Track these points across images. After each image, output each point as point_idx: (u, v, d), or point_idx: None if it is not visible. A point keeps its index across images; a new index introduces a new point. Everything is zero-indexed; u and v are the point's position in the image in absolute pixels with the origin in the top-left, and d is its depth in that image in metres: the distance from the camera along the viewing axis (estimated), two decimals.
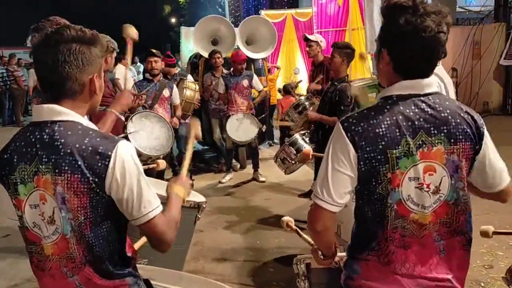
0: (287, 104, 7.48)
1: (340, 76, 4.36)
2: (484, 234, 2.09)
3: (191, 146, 2.08)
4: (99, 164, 1.40)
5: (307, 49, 6.03)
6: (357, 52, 11.30)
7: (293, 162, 4.83)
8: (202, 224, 4.81)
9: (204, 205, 3.01)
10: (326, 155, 1.51)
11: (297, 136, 4.91)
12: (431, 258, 1.51)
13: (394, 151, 1.45)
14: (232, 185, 6.75)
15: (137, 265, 1.66)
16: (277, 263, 4.10)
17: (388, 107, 1.48)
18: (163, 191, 1.76)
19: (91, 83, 1.49)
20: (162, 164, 2.92)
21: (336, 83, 4.34)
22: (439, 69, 2.99)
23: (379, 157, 1.45)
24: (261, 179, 6.80)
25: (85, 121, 1.50)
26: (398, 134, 1.45)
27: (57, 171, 1.41)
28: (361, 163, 1.46)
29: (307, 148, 4.48)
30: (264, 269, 4.02)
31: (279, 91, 8.58)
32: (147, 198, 1.46)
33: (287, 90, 7.75)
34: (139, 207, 1.44)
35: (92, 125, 1.53)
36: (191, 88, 6.30)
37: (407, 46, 1.45)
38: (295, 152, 4.79)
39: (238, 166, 7.60)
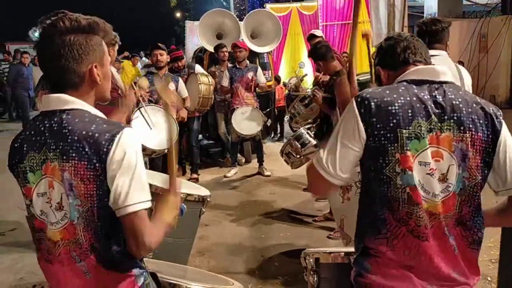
0: (281, 91, 9.12)
1: (336, 70, 4.34)
2: None
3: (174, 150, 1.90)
4: (104, 149, 1.39)
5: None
6: (363, 45, 11.25)
7: (299, 156, 4.81)
8: (207, 218, 4.81)
9: (208, 199, 3.00)
10: (337, 128, 1.54)
11: (302, 130, 4.90)
12: (443, 253, 1.48)
13: (404, 130, 1.45)
14: (237, 179, 6.75)
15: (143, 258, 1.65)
16: (282, 256, 4.09)
17: (403, 88, 1.51)
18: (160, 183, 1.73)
19: (91, 72, 1.47)
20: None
21: (334, 77, 4.33)
22: (446, 59, 2.95)
23: (388, 135, 1.46)
24: (266, 173, 6.79)
25: (92, 109, 1.50)
26: (410, 114, 1.46)
27: (64, 157, 1.42)
28: (370, 139, 1.48)
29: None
30: (269, 262, 4.01)
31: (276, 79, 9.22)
32: (137, 190, 1.41)
33: (278, 79, 9.12)
34: (126, 197, 1.39)
35: (99, 113, 1.52)
36: (205, 83, 6.18)
37: (387, 47, 1.66)
38: (300, 146, 4.78)
39: (243, 160, 7.60)
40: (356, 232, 1.61)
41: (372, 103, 1.48)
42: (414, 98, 1.47)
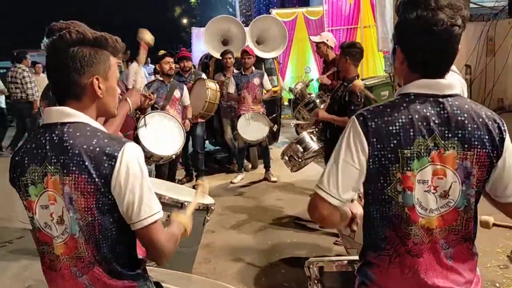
0: None
1: (350, 76, 4.31)
2: (484, 224, 2.04)
3: (196, 201, 2.12)
4: (106, 165, 1.41)
5: (316, 49, 6.02)
6: (369, 49, 11.16)
7: (300, 160, 4.80)
8: (214, 225, 4.81)
9: (213, 207, 3.00)
10: (339, 147, 1.48)
11: (305, 134, 4.89)
12: (440, 265, 1.46)
13: (405, 151, 1.41)
14: (244, 185, 6.74)
15: (147, 267, 1.65)
16: (288, 264, 4.07)
17: (404, 104, 1.44)
18: (168, 192, 1.75)
19: (92, 85, 1.48)
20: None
21: (346, 83, 4.30)
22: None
23: (389, 155, 1.42)
24: (273, 179, 6.78)
25: (94, 122, 1.51)
26: (411, 134, 1.41)
27: (65, 171, 1.42)
28: (371, 160, 1.43)
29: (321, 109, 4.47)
30: (275, 270, 4.00)
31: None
32: (147, 202, 1.45)
33: None
34: (139, 212, 1.43)
35: (101, 127, 1.54)
36: (213, 88, 6.21)
37: (419, 41, 1.41)
38: (302, 150, 4.77)
39: (250, 166, 7.60)
40: (362, 246, 1.59)
41: (373, 123, 1.43)
42: (416, 116, 1.42)
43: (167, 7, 33.73)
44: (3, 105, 10.43)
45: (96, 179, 1.41)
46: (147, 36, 2.71)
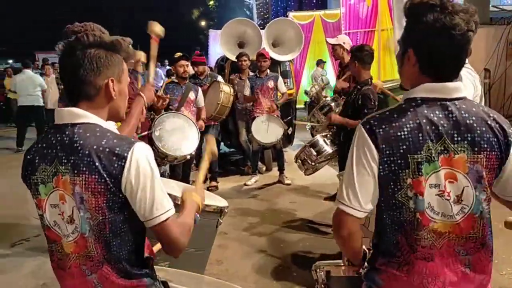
0: None
1: (362, 79, 4.28)
2: (510, 225, 1.98)
3: (207, 162, 2.17)
4: (116, 165, 1.43)
5: (333, 51, 6.02)
6: (386, 52, 11.05)
7: (313, 163, 4.78)
8: (227, 227, 4.82)
9: (226, 210, 3.00)
10: (350, 159, 1.47)
11: (318, 137, 4.86)
12: (455, 271, 1.44)
13: (415, 156, 1.40)
14: (258, 187, 6.75)
15: (158, 267, 1.68)
16: (301, 267, 4.05)
17: (411, 109, 1.43)
18: (179, 193, 1.77)
19: (107, 86, 1.52)
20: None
21: (359, 86, 4.27)
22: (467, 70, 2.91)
23: (399, 161, 1.41)
24: (287, 181, 6.77)
25: (104, 123, 1.54)
26: (420, 138, 1.40)
27: (75, 171, 1.45)
28: (381, 167, 1.42)
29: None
30: (287, 273, 3.99)
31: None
32: (159, 200, 1.47)
33: None
34: (151, 209, 1.46)
35: (111, 127, 1.56)
36: (227, 91, 6.28)
37: (437, 44, 1.40)
38: (315, 153, 4.75)
39: (264, 168, 7.60)
40: (371, 252, 1.58)
41: (381, 130, 1.42)
42: (424, 120, 1.41)
43: (185, 9, 34.00)
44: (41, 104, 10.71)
45: (107, 179, 1.43)
46: (156, 28, 2.67)
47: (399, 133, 1.41)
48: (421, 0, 1.42)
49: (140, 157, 1.45)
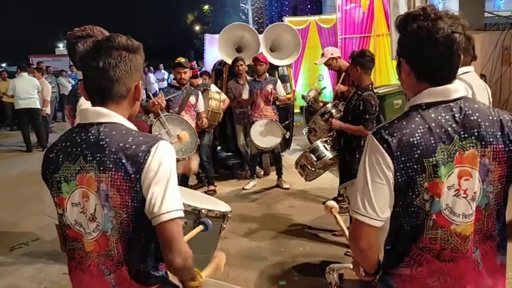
0: None
1: (363, 84, 4.30)
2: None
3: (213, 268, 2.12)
4: (141, 160, 1.45)
5: (328, 68, 6.20)
6: (382, 58, 11.09)
7: (313, 169, 4.79)
8: (226, 231, 4.76)
9: (229, 215, 2.99)
10: (363, 169, 1.49)
11: (318, 143, 4.88)
12: (470, 272, 1.47)
13: (430, 159, 1.43)
14: (256, 191, 6.75)
15: None
16: (301, 271, 4.06)
17: (419, 115, 1.47)
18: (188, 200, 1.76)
19: (136, 89, 1.56)
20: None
21: (359, 92, 4.29)
22: (470, 75, 2.94)
23: (415, 166, 1.43)
24: (285, 186, 6.77)
25: (127, 122, 1.57)
26: (432, 142, 1.43)
27: (101, 168, 1.46)
28: (397, 174, 1.45)
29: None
30: (288, 277, 3.99)
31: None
32: (170, 199, 1.46)
33: None
34: (160, 205, 1.44)
35: (134, 127, 1.58)
36: (216, 98, 6.37)
37: (423, 50, 1.46)
38: (315, 159, 4.76)
39: (262, 173, 7.60)
40: (384, 258, 1.60)
41: (393, 138, 1.45)
42: (433, 124, 1.44)
43: (180, 14, 34.07)
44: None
45: (132, 176, 1.44)
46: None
47: (411, 139, 1.44)
48: (406, 13, 1.50)
49: (164, 153, 1.47)
